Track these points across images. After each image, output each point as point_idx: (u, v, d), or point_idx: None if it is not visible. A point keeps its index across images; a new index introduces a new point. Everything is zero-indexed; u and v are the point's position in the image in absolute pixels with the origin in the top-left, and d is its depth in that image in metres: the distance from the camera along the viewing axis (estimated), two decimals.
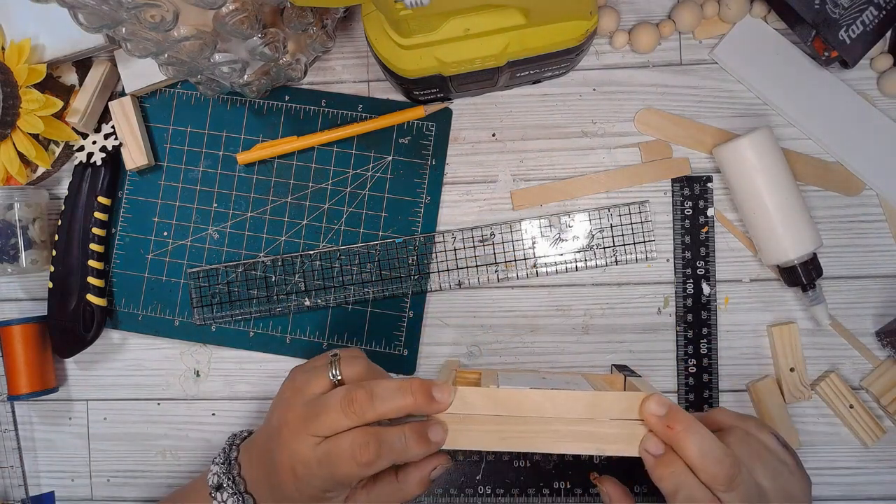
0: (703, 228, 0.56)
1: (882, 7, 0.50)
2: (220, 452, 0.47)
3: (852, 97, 0.55)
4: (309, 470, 0.40)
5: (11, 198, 0.56)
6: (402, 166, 0.57)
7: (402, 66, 0.48)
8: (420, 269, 0.57)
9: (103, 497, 0.60)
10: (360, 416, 0.39)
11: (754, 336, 0.56)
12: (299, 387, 0.43)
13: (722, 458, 0.39)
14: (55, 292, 0.58)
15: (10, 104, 0.53)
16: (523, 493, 0.56)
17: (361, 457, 0.39)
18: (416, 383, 0.40)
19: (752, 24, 0.56)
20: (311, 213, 0.58)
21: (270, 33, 0.48)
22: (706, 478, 0.39)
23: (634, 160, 0.57)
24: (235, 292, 0.57)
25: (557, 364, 0.57)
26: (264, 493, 0.44)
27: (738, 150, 0.52)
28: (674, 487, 0.39)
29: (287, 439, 0.41)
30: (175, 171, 0.59)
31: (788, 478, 0.42)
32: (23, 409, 0.61)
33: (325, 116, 0.58)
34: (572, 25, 0.48)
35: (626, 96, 0.57)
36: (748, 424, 0.45)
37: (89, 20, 0.41)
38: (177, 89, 0.59)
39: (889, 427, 0.55)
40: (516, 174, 0.57)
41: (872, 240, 0.55)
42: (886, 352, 0.55)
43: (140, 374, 0.59)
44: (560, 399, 0.41)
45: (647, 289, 0.56)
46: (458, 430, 0.41)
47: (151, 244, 0.58)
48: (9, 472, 0.59)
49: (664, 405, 0.39)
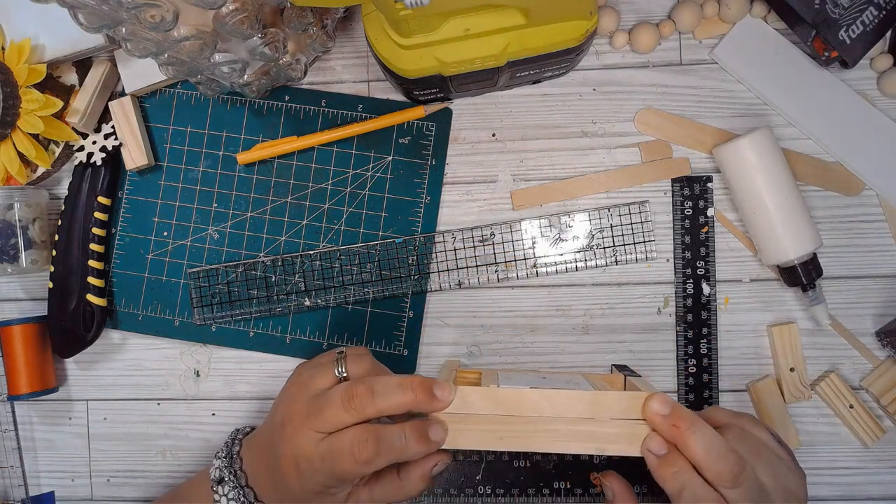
0: (703, 228, 0.56)
1: (882, 7, 0.50)
2: (223, 446, 0.47)
3: (852, 97, 0.55)
4: (311, 465, 0.40)
5: (11, 198, 0.56)
6: (402, 166, 0.57)
7: (402, 66, 0.48)
8: (420, 269, 0.57)
9: (103, 497, 0.60)
10: (360, 412, 0.40)
11: (754, 336, 0.56)
12: (304, 382, 0.44)
13: (727, 454, 0.39)
14: (55, 292, 0.58)
15: (10, 104, 0.53)
16: (523, 493, 0.56)
17: (361, 454, 0.39)
18: (416, 380, 0.40)
19: (752, 24, 0.56)
20: (311, 213, 0.58)
21: (270, 33, 0.48)
22: (711, 475, 0.39)
23: (634, 160, 0.57)
24: (235, 292, 0.57)
25: (557, 364, 0.57)
26: (266, 487, 0.44)
27: (738, 150, 0.52)
28: (678, 487, 0.39)
29: (291, 434, 0.41)
30: (175, 171, 0.59)
31: (787, 474, 0.42)
32: (23, 409, 0.61)
33: (325, 116, 0.58)
34: (572, 25, 0.48)
35: (626, 96, 0.57)
36: (743, 422, 0.45)
37: (89, 20, 0.41)
38: (177, 89, 0.59)
39: (889, 427, 0.55)
40: (516, 174, 0.57)
41: (872, 240, 0.55)
42: (886, 352, 0.55)
43: (140, 374, 0.59)
44: (560, 399, 0.41)
45: (647, 289, 0.56)
46: (459, 429, 0.41)
47: (151, 244, 0.58)
48: (9, 472, 0.59)
49: (668, 404, 0.39)
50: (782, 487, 0.41)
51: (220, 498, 0.44)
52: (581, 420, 0.40)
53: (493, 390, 0.41)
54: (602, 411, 0.40)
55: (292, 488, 0.42)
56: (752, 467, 0.40)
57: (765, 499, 0.40)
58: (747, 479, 0.39)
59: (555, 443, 0.41)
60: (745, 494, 0.39)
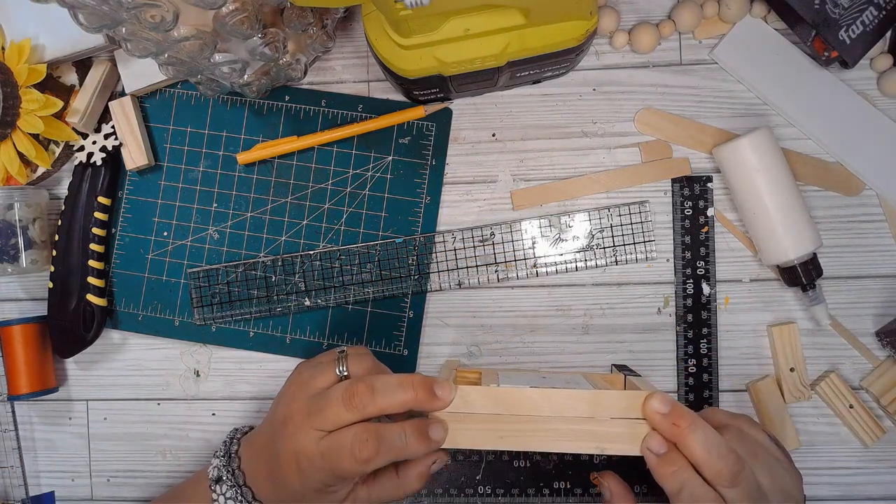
0: (703, 228, 0.56)
1: (882, 7, 0.50)
2: (221, 445, 0.47)
3: (852, 97, 0.55)
4: (312, 464, 0.40)
5: (11, 198, 0.56)
6: (402, 166, 0.57)
7: (402, 66, 0.48)
8: (420, 269, 0.57)
9: (103, 497, 0.60)
10: (360, 410, 0.40)
11: (754, 336, 0.56)
12: (305, 381, 0.44)
13: (726, 454, 0.39)
14: (55, 292, 0.58)
15: (10, 104, 0.53)
16: (523, 493, 0.56)
17: (361, 453, 0.39)
18: (417, 378, 0.40)
19: (752, 24, 0.56)
20: (311, 213, 0.58)
21: (270, 33, 0.48)
22: (711, 474, 0.39)
23: (634, 160, 0.57)
24: (235, 292, 0.57)
25: (557, 364, 0.57)
26: (264, 486, 0.44)
27: (738, 150, 0.52)
28: (678, 486, 0.39)
29: (291, 432, 0.41)
30: (175, 171, 0.59)
31: (784, 475, 0.42)
32: (23, 409, 0.61)
33: (325, 116, 0.58)
34: (572, 25, 0.48)
35: (626, 96, 0.57)
36: (740, 422, 0.45)
37: (89, 20, 0.41)
38: (177, 89, 0.59)
39: (889, 427, 0.55)
40: (516, 174, 0.57)
41: (872, 240, 0.55)
42: (886, 352, 0.55)
43: (140, 374, 0.59)
44: (560, 398, 0.41)
45: (647, 289, 0.56)
46: (459, 428, 0.41)
47: (151, 244, 0.58)
48: (9, 472, 0.59)
49: (668, 403, 0.39)
50: (780, 488, 0.41)
51: (218, 497, 0.44)
52: (581, 419, 0.40)
53: (494, 389, 0.41)
54: (602, 411, 0.40)
55: (292, 487, 0.42)
56: (751, 467, 0.40)
57: (762, 499, 0.40)
58: (746, 478, 0.39)
59: (555, 442, 0.41)
60: (743, 494, 0.39)
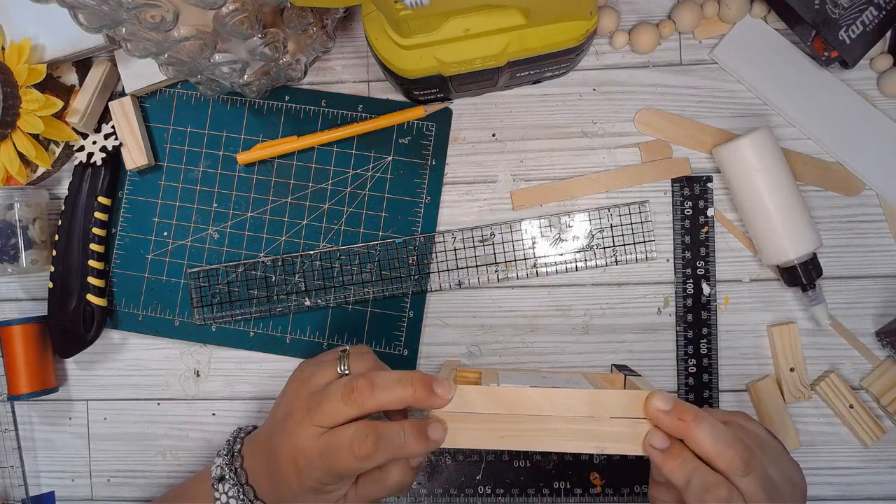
0: (703, 228, 0.56)
1: (882, 7, 0.50)
2: (225, 444, 0.48)
3: (852, 97, 0.55)
4: (310, 461, 0.40)
5: (11, 198, 0.56)
6: (402, 166, 0.57)
7: (402, 66, 0.48)
8: (420, 269, 0.57)
9: (103, 497, 0.60)
10: (359, 405, 0.40)
11: (754, 336, 0.56)
12: (306, 378, 0.44)
13: (735, 441, 0.38)
14: (55, 292, 0.58)
15: (10, 104, 0.53)
16: (523, 493, 0.56)
17: (360, 450, 0.39)
18: (417, 375, 0.40)
19: (752, 24, 0.56)
20: (311, 213, 0.58)
21: (270, 33, 0.48)
22: (723, 464, 0.38)
23: (634, 160, 0.57)
24: (235, 292, 0.57)
25: (557, 364, 0.57)
26: (265, 484, 0.44)
27: (738, 150, 0.52)
28: (686, 477, 0.39)
29: (291, 430, 0.41)
30: (175, 171, 0.59)
31: (788, 465, 0.42)
32: (23, 409, 0.61)
33: (325, 116, 0.58)
34: (572, 25, 0.48)
35: (626, 96, 0.57)
36: (738, 418, 0.45)
37: (89, 20, 0.41)
38: (177, 89, 0.59)
39: (889, 427, 0.55)
40: (516, 174, 0.57)
41: (872, 240, 0.55)
42: (886, 352, 0.55)
43: (140, 374, 0.59)
44: (561, 397, 0.40)
45: (647, 289, 0.56)
46: (458, 428, 0.41)
47: (151, 244, 0.58)
48: (9, 472, 0.59)
49: (669, 400, 0.39)
50: (787, 478, 0.41)
51: (220, 496, 0.44)
52: (581, 419, 0.40)
53: (493, 389, 0.41)
54: (602, 410, 0.40)
55: (290, 485, 0.42)
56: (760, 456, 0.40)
57: (773, 487, 0.40)
58: (758, 465, 0.39)
59: (555, 442, 0.41)
60: (756, 482, 0.38)
